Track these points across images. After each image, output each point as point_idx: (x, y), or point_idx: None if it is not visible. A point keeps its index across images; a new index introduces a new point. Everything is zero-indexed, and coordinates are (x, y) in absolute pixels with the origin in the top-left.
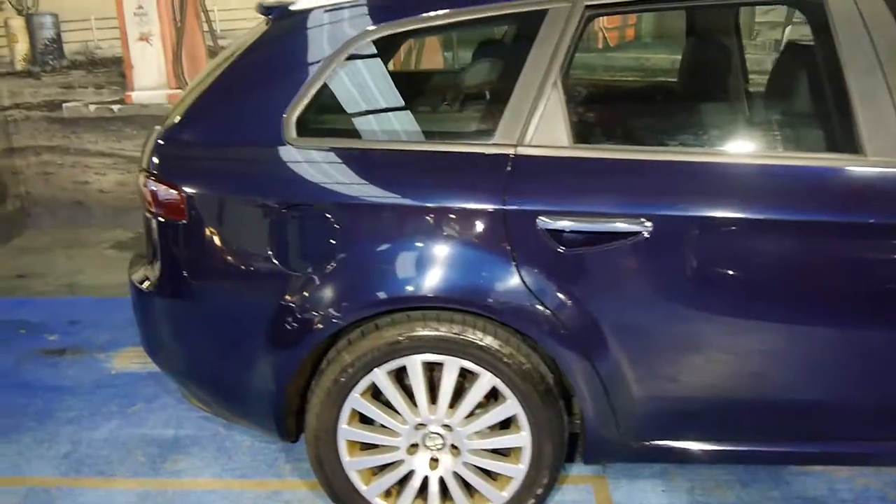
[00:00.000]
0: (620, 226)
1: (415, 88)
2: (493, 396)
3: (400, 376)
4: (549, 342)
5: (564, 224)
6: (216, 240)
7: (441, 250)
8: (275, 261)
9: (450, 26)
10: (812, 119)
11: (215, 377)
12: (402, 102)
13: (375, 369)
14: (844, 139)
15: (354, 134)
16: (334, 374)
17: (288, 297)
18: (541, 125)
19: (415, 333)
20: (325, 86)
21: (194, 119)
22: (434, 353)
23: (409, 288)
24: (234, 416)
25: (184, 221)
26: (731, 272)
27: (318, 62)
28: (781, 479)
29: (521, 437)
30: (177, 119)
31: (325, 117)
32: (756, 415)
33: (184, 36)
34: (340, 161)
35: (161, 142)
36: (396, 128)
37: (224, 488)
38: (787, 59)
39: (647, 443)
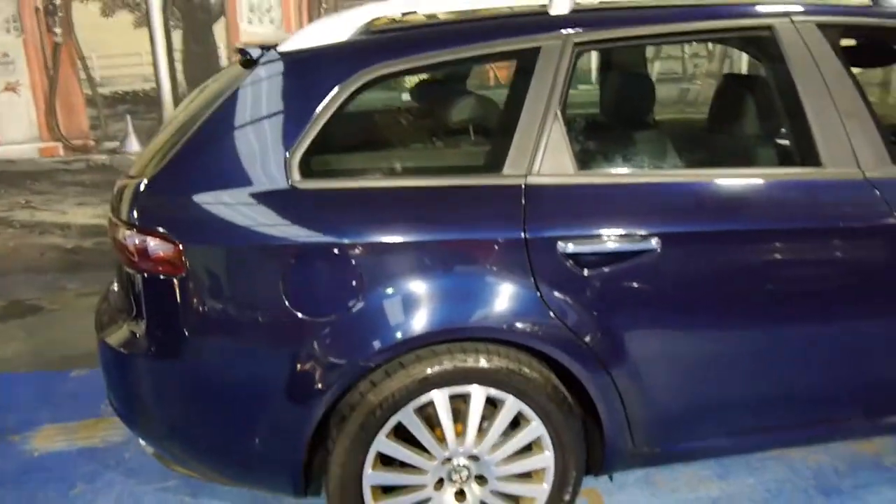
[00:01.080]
0: (632, 245)
1: (411, 124)
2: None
3: None
4: (573, 362)
5: (581, 248)
6: (221, 292)
7: (464, 283)
8: (290, 309)
9: (448, 64)
10: (776, 139)
11: (220, 440)
12: (403, 139)
13: (403, 408)
14: (805, 154)
15: (361, 173)
16: (360, 418)
17: (307, 346)
18: (546, 155)
19: (443, 368)
20: (326, 126)
21: (183, 165)
22: (461, 384)
23: (437, 323)
24: (236, 479)
25: (181, 275)
26: (734, 281)
27: (316, 102)
28: (751, 466)
29: (545, 458)
30: (162, 166)
31: (329, 158)
32: (757, 410)
33: (58, 85)
34: (350, 201)
35: (144, 191)
36: (402, 165)
37: None
38: (736, 88)
39: (656, 449)
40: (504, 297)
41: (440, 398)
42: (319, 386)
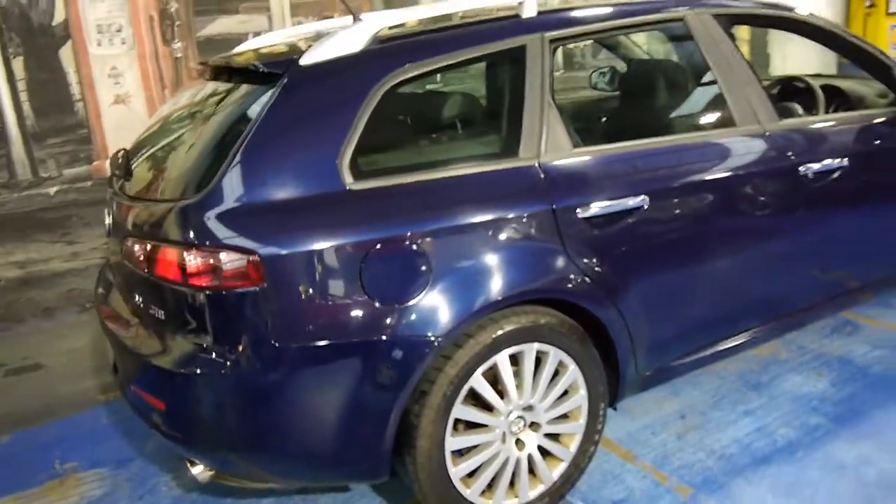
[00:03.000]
0: (629, 203)
1: (433, 121)
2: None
3: None
4: (596, 308)
5: (593, 210)
6: (303, 296)
7: (513, 254)
8: (371, 301)
9: (458, 64)
10: (703, 109)
11: (309, 442)
12: (429, 134)
13: (473, 374)
14: (724, 118)
15: (404, 169)
16: (442, 390)
17: (392, 333)
18: (549, 138)
19: (504, 331)
20: (366, 129)
21: (241, 178)
22: (517, 344)
23: (497, 293)
24: (325, 478)
25: (261, 285)
26: (708, 225)
27: (355, 107)
28: (692, 383)
29: (581, 397)
30: (216, 182)
31: (373, 158)
32: (713, 330)
33: None
34: (403, 196)
35: (200, 208)
36: (435, 158)
37: None
38: (650, 70)
39: (649, 372)
40: (545, 262)
41: (502, 359)
42: (406, 368)
